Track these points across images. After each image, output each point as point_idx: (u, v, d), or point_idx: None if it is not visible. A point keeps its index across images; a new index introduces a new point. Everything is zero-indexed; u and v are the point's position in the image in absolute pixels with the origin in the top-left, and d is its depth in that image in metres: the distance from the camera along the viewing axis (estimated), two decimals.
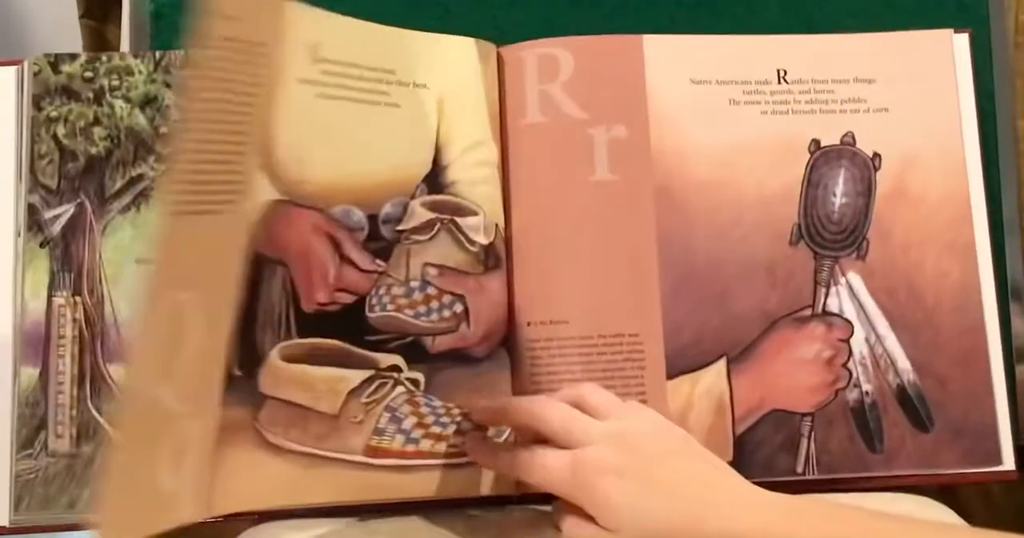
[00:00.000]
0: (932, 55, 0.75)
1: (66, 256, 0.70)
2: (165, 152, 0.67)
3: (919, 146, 0.74)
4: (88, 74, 0.71)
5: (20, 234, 0.69)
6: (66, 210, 0.70)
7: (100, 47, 1.03)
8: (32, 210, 0.70)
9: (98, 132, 0.71)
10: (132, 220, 0.70)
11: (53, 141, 0.70)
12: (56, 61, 0.71)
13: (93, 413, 0.68)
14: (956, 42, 0.76)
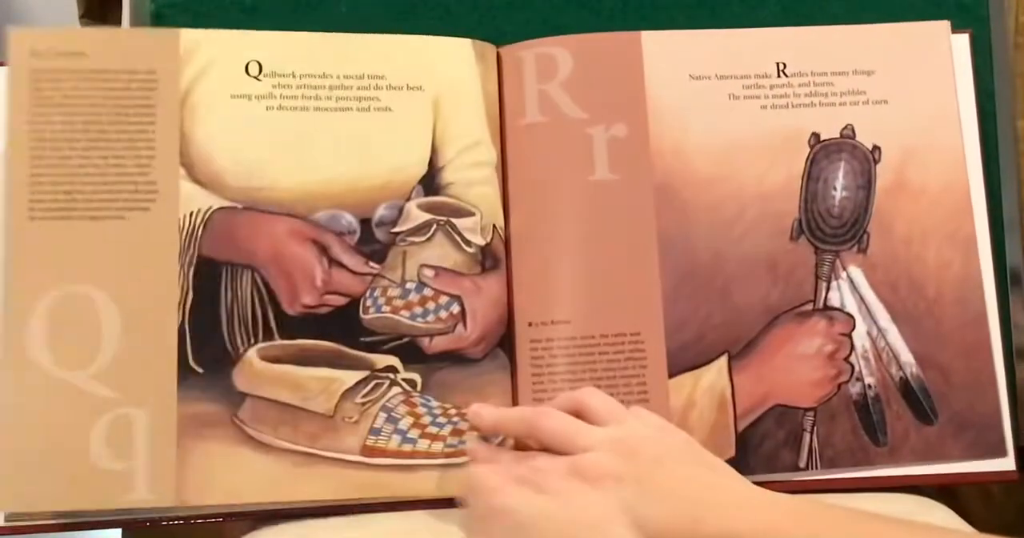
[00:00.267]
0: (930, 46, 0.75)
1: None
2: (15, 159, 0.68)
3: (918, 138, 0.73)
4: None
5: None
6: None
7: None
8: None
9: None
10: None
11: None
12: None
13: None
14: (956, 42, 0.75)
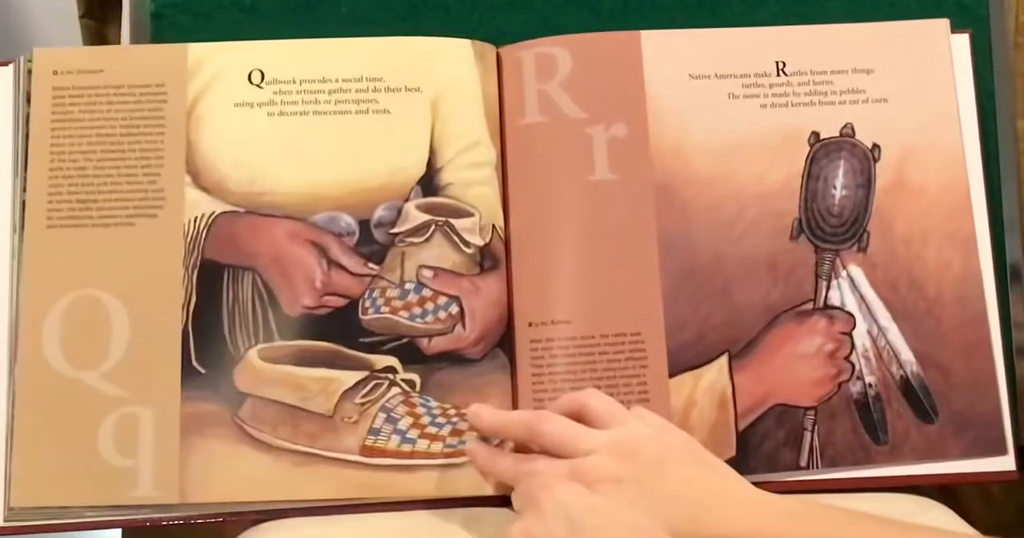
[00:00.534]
0: (929, 45, 0.75)
1: None
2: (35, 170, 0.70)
3: (918, 136, 0.73)
4: None
5: (16, 231, 0.69)
6: None
7: None
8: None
9: None
10: None
11: None
12: None
13: None
14: (956, 42, 0.75)
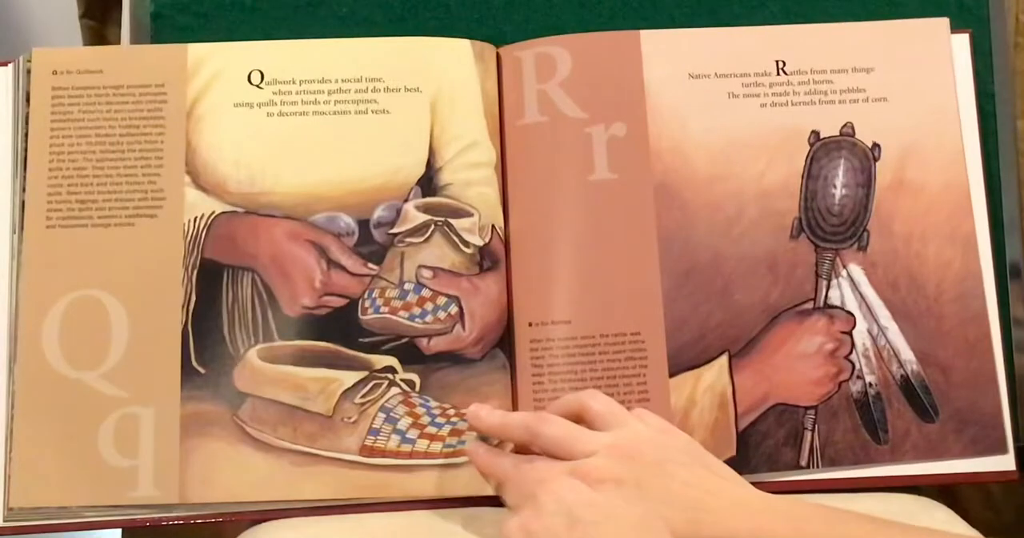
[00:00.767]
0: (929, 44, 0.75)
1: None
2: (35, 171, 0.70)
3: (918, 135, 0.73)
4: None
5: (16, 231, 0.69)
6: None
7: None
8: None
9: None
10: None
11: None
12: None
13: None
14: (956, 42, 0.75)
